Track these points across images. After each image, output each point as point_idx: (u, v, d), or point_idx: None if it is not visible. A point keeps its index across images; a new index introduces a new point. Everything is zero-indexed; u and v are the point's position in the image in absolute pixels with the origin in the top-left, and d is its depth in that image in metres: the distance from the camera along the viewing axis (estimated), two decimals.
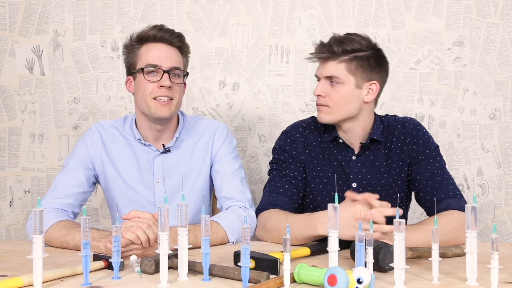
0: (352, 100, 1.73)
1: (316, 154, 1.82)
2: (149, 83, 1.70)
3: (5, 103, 2.52)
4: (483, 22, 2.48)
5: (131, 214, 1.45)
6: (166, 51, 1.72)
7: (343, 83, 1.71)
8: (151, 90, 1.70)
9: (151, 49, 1.72)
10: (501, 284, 1.17)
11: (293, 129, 1.87)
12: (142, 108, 1.75)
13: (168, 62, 1.71)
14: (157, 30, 1.72)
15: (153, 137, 1.79)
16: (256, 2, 2.50)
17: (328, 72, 1.72)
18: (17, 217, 2.53)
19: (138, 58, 1.73)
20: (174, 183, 1.77)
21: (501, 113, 2.48)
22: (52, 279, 1.22)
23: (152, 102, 1.70)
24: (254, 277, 1.17)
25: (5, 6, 2.51)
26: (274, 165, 1.85)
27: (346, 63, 1.71)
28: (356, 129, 1.79)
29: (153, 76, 1.70)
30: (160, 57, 1.71)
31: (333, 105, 1.73)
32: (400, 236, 1.14)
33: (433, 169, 1.76)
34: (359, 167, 1.80)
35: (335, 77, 1.71)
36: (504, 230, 2.49)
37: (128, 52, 1.76)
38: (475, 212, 1.18)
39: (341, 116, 1.75)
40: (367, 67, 1.73)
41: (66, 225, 1.59)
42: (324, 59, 1.73)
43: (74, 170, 1.76)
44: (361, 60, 1.71)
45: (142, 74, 1.71)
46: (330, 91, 1.72)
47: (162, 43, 1.72)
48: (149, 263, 1.27)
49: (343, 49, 1.70)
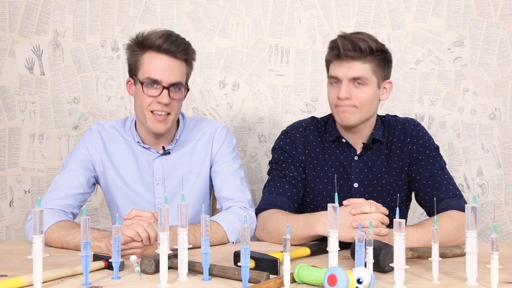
0: (374, 100, 1.72)
1: (316, 154, 1.82)
2: (147, 97, 1.66)
3: (5, 103, 2.52)
4: (483, 22, 2.48)
5: (132, 213, 1.45)
6: (169, 65, 1.66)
7: (368, 84, 1.68)
8: (149, 103, 1.67)
9: (153, 61, 1.65)
10: (501, 284, 1.17)
11: (293, 129, 1.86)
12: (139, 118, 1.74)
13: (169, 77, 1.65)
14: (163, 40, 1.65)
15: (152, 142, 1.79)
16: (256, 2, 2.50)
17: (355, 73, 1.66)
18: (17, 217, 2.53)
19: (140, 65, 1.68)
20: (174, 184, 1.77)
21: (501, 113, 2.48)
22: (52, 279, 1.22)
23: (149, 115, 1.68)
24: (254, 277, 1.17)
25: (5, 6, 2.51)
26: (274, 165, 1.84)
27: (370, 63, 1.67)
28: (365, 129, 1.78)
29: (152, 90, 1.66)
30: (162, 72, 1.65)
31: (360, 106, 1.68)
32: (400, 236, 1.14)
33: (433, 169, 1.76)
34: (361, 167, 1.79)
35: (362, 78, 1.67)
36: (504, 230, 2.49)
37: (131, 53, 1.72)
38: (475, 212, 1.18)
39: (365, 117, 1.72)
40: (383, 66, 1.71)
41: (66, 225, 1.59)
42: (350, 59, 1.66)
43: (74, 170, 1.76)
44: (379, 59, 1.69)
45: (141, 86, 1.67)
46: (355, 93, 1.67)
47: (166, 55, 1.66)
48: (149, 263, 1.27)
49: (370, 48, 1.65)
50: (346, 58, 1.66)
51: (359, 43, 1.65)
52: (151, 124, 1.69)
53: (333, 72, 1.70)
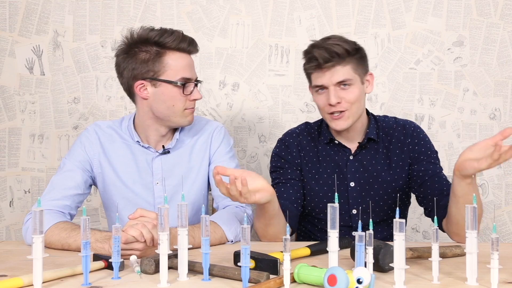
0: (362, 97, 1.76)
1: (310, 157, 1.85)
2: (182, 97, 1.70)
3: (5, 103, 2.52)
4: (483, 22, 2.48)
5: (137, 213, 1.45)
6: (190, 62, 1.72)
7: (353, 84, 1.72)
8: (184, 103, 1.71)
9: (178, 61, 1.69)
10: (501, 284, 1.17)
11: (287, 135, 1.91)
12: (166, 117, 1.72)
13: (194, 73, 1.74)
14: (179, 40, 1.68)
15: (156, 140, 1.79)
16: (256, 2, 2.50)
17: (339, 77, 1.70)
18: (17, 217, 2.53)
19: (162, 67, 1.67)
20: (173, 183, 1.77)
21: (501, 113, 2.48)
22: (52, 279, 1.22)
23: (184, 113, 1.72)
24: (254, 277, 1.17)
25: (5, 6, 2.51)
26: (274, 174, 1.88)
27: (350, 64, 1.71)
28: (358, 127, 1.80)
29: (185, 89, 1.70)
30: (190, 69, 1.71)
31: (350, 108, 1.72)
32: (400, 236, 1.14)
33: (435, 169, 1.77)
34: (356, 166, 1.81)
35: (347, 80, 1.71)
36: (504, 230, 2.49)
37: (140, 54, 1.67)
38: (475, 212, 1.18)
39: (357, 116, 1.76)
40: (361, 62, 1.76)
41: (66, 227, 1.57)
42: (331, 66, 1.70)
43: (72, 171, 1.75)
44: (356, 57, 1.73)
45: (172, 86, 1.68)
46: (344, 95, 1.71)
47: (185, 53, 1.71)
48: (149, 263, 1.27)
49: (346, 50, 1.69)
50: (326, 67, 1.70)
51: (334, 48, 1.68)
52: (187, 120, 1.74)
53: (317, 82, 1.74)
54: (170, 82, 1.68)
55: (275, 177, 1.87)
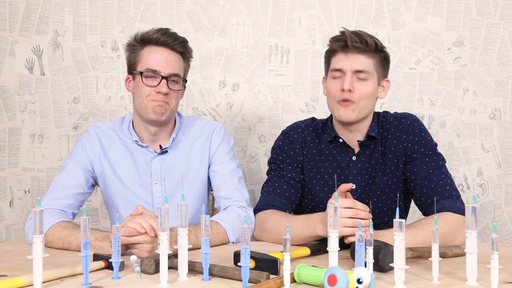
0: (373, 97, 1.74)
1: (313, 155, 1.82)
2: (146, 87, 1.71)
3: (5, 103, 2.52)
4: (483, 22, 2.48)
5: (139, 209, 1.46)
6: (167, 57, 1.72)
7: (369, 79, 1.70)
8: (148, 93, 1.71)
9: (152, 53, 1.72)
10: (501, 284, 1.17)
11: (292, 129, 1.87)
12: (138, 109, 1.76)
13: (167, 68, 1.71)
14: (161, 34, 1.72)
15: (149, 139, 1.80)
16: (256, 2, 2.50)
17: (359, 66, 1.68)
18: (17, 217, 2.53)
19: (139, 59, 1.73)
20: (172, 183, 1.77)
21: (501, 113, 2.48)
22: (52, 279, 1.22)
23: (149, 103, 1.71)
24: (254, 277, 1.17)
25: (5, 6, 2.51)
26: (272, 165, 1.85)
27: (374, 59, 1.70)
28: (362, 127, 1.78)
29: (151, 81, 1.71)
30: (161, 62, 1.71)
31: (359, 101, 1.70)
32: (400, 236, 1.14)
33: (429, 169, 1.72)
34: (359, 167, 1.78)
35: (365, 72, 1.69)
36: (504, 230, 2.49)
37: (130, 51, 1.77)
38: (475, 212, 1.18)
39: (363, 113, 1.73)
40: (384, 64, 1.75)
41: (67, 225, 1.59)
42: (356, 51, 1.68)
43: (74, 171, 1.77)
44: (381, 56, 1.73)
45: (141, 77, 1.71)
46: (357, 86, 1.69)
47: (164, 47, 1.72)
48: (149, 263, 1.27)
49: (375, 44, 1.69)
50: (352, 50, 1.68)
51: (366, 37, 1.68)
52: (152, 111, 1.71)
53: (336, 65, 1.71)
54: (137, 73, 1.73)
55: (273, 169, 1.83)
